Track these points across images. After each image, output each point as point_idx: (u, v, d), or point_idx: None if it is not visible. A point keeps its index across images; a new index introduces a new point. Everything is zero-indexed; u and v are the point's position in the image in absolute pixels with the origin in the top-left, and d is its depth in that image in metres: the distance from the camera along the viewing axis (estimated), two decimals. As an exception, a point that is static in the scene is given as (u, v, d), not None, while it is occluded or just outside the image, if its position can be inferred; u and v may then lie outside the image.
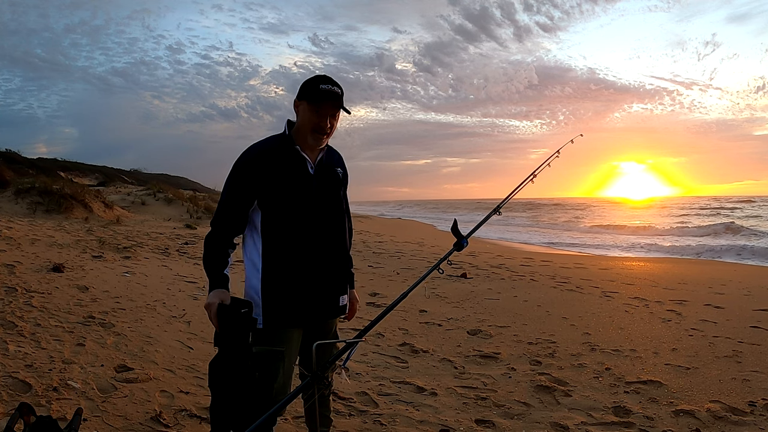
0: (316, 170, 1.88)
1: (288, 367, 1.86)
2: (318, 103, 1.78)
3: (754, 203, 45.72)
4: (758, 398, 2.98)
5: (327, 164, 1.94)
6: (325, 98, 1.77)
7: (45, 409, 2.49)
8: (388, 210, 56.51)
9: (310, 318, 1.90)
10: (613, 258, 11.70)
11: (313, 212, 1.85)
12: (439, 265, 2.03)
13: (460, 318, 4.96)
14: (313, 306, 1.89)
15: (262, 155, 1.81)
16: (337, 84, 1.82)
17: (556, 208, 46.98)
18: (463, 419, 2.74)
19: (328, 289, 1.93)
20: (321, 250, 1.88)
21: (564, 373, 3.45)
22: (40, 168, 41.05)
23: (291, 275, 1.84)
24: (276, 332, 1.83)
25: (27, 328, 3.75)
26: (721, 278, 7.55)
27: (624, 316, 5.05)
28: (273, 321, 1.83)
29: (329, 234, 1.91)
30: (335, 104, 1.80)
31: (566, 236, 19.52)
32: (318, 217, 1.87)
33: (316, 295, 1.89)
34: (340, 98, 1.81)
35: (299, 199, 1.83)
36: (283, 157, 1.83)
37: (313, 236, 1.86)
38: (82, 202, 13.50)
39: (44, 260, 6.41)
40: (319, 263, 1.88)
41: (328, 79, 1.82)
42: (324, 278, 1.90)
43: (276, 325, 1.83)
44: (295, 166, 1.84)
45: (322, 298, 1.91)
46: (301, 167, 1.85)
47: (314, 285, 1.88)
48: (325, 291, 1.92)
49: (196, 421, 2.58)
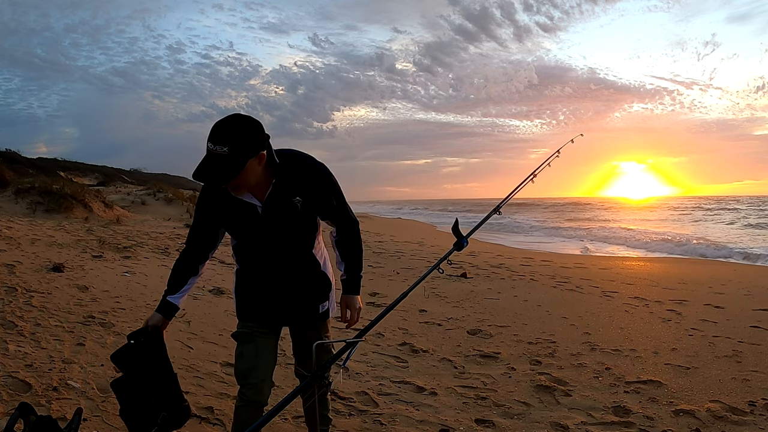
0: (264, 208, 1.80)
1: (258, 355, 1.93)
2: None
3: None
4: (758, 398, 2.98)
5: (279, 198, 1.80)
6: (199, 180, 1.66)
7: (45, 409, 2.49)
8: (388, 210, 56.50)
9: (274, 322, 1.98)
10: (613, 258, 11.70)
11: (266, 246, 1.89)
12: (439, 264, 2.04)
13: (460, 318, 4.96)
14: (278, 314, 1.97)
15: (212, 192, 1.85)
16: (223, 139, 1.59)
17: (556, 208, 46.95)
18: (463, 419, 2.75)
19: (294, 303, 1.97)
20: (278, 278, 1.93)
21: (564, 372, 3.45)
22: (40, 168, 41.02)
23: (251, 286, 1.96)
24: (243, 321, 2.00)
25: (27, 327, 3.75)
26: (721, 278, 7.54)
27: (624, 315, 5.05)
28: (240, 313, 2.01)
29: (287, 261, 1.91)
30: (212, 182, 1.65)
31: (567, 236, 19.51)
32: (273, 249, 1.89)
33: (281, 308, 1.96)
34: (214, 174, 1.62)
35: (251, 238, 1.89)
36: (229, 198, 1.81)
37: (270, 264, 1.91)
38: (82, 201, 13.48)
39: (44, 260, 6.41)
40: (277, 287, 1.93)
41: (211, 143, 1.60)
42: (288, 296, 1.95)
43: (242, 317, 2.00)
44: (240, 210, 1.82)
45: (287, 310, 1.97)
46: (248, 211, 1.81)
47: (277, 301, 1.95)
48: (290, 305, 1.97)
49: (196, 421, 2.58)
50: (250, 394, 1.89)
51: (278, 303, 1.95)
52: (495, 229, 21.18)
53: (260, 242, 1.87)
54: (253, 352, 1.92)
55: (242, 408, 1.91)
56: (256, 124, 1.67)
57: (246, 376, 1.90)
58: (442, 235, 17.88)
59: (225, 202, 1.81)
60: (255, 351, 1.92)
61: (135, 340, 1.88)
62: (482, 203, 70.57)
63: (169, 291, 1.93)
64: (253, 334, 1.94)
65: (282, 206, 1.81)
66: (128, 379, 1.89)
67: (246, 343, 1.93)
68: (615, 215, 35.19)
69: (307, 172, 1.83)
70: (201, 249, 1.93)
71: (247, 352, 1.92)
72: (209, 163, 1.62)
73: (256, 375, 1.90)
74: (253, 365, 1.90)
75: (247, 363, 1.91)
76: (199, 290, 5.70)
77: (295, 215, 1.83)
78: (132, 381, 1.88)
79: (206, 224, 1.90)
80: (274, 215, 1.81)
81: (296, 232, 1.87)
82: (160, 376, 1.90)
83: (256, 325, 1.95)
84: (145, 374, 1.88)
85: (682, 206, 45.74)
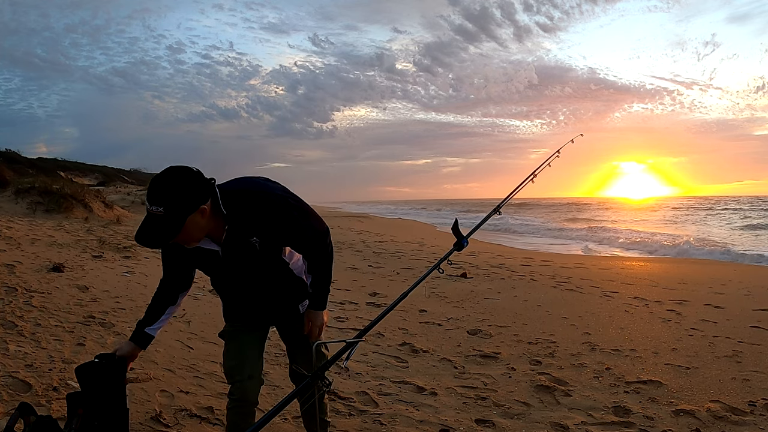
0: (224, 251, 1.77)
1: (241, 352, 1.94)
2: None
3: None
4: (758, 398, 2.98)
5: (237, 239, 1.74)
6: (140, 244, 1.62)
7: (45, 409, 2.49)
8: (387, 210, 56.51)
9: (255, 325, 2.01)
10: (613, 258, 11.70)
11: (233, 285, 1.93)
12: (439, 264, 2.04)
13: (460, 318, 4.96)
14: (262, 318, 2.02)
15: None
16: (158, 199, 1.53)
17: (556, 208, 46.98)
18: (463, 419, 2.75)
19: (274, 308, 2.00)
20: (255, 293, 1.94)
21: (564, 372, 3.45)
22: (40, 168, 41.01)
23: (235, 303, 2.01)
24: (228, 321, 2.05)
25: (27, 327, 3.75)
26: (721, 278, 7.54)
27: (624, 315, 5.05)
28: (225, 315, 2.06)
29: (260, 284, 1.92)
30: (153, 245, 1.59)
31: (566, 236, 19.51)
32: (243, 283, 1.91)
33: (262, 312, 2.00)
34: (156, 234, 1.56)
35: (218, 277, 1.93)
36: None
37: (238, 295, 1.96)
38: (82, 201, 13.48)
39: (44, 260, 6.41)
40: (258, 299, 1.96)
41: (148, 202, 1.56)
42: (267, 303, 1.98)
43: (226, 318, 2.06)
44: (203, 256, 1.82)
45: (269, 313, 2.01)
46: (209, 256, 1.81)
47: (258, 308, 1.99)
48: (270, 309, 2.00)
49: (196, 421, 2.58)
50: (238, 394, 1.89)
51: (259, 310, 1.99)
52: (495, 229, 21.18)
53: (229, 280, 1.92)
54: (237, 349, 1.94)
55: (232, 410, 1.91)
56: (193, 176, 1.58)
57: (232, 373, 1.92)
58: (442, 235, 17.87)
59: (185, 249, 1.76)
60: (240, 348, 1.94)
61: (101, 360, 1.89)
62: (482, 203, 70.54)
63: (145, 322, 1.93)
64: (238, 331, 1.97)
65: (240, 248, 1.76)
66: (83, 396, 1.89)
67: (232, 341, 1.97)
68: (615, 215, 35.17)
69: (260, 212, 1.72)
70: (177, 283, 1.95)
71: (233, 349, 1.95)
72: (148, 225, 1.56)
73: (242, 372, 1.90)
74: (239, 362, 1.92)
75: (233, 360, 1.93)
76: (199, 290, 5.70)
77: (255, 255, 1.78)
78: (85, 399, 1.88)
79: (175, 266, 1.92)
80: (234, 257, 1.79)
81: (261, 267, 1.85)
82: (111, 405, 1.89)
83: (242, 324, 1.99)
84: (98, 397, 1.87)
85: (682, 206, 45.74)
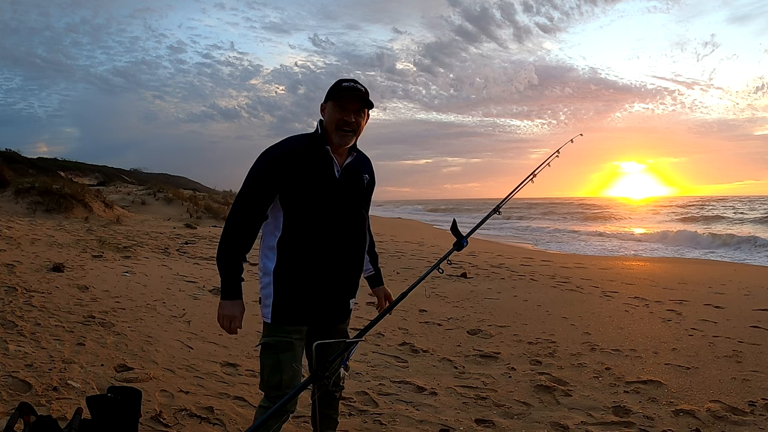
0: (342, 173, 1.88)
1: (296, 361, 1.86)
2: (341, 98, 1.82)
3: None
4: (758, 398, 2.98)
5: (354, 168, 1.93)
6: (346, 92, 1.81)
7: (45, 409, 2.49)
8: (387, 210, 56.48)
9: (316, 319, 1.91)
10: (613, 258, 11.70)
11: (333, 215, 1.86)
12: (439, 264, 2.03)
13: (460, 318, 4.96)
14: (322, 309, 1.91)
15: (290, 153, 1.82)
16: (359, 83, 1.88)
17: (555, 208, 46.98)
18: (463, 419, 2.75)
19: (339, 294, 1.94)
20: (337, 254, 1.89)
21: (564, 372, 3.45)
22: (41, 168, 41.03)
23: (303, 276, 1.86)
24: (282, 326, 1.85)
25: (27, 327, 3.75)
26: (721, 278, 7.54)
27: (624, 315, 5.05)
28: (280, 317, 1.85)
29: (347, 238, 1.90)
30: (357, 98, 1.82)
31: (567, 236, 19.51)
32: (338, 221, 1.87)
33: (326, 298, 1.91)
34: (363, 93, 1.84)
35: (321, 200, 1.83)
36: (310, 156, 1.83)
37: (331, 239, 1.86)
38: (82, 201, 13.49)
39: (44, 260, 6.41)
40: (333, 267, 1.89)
41: (351, 79, 1.88)
42: (336, 282, 1.92)
43: (283, 321, 1.85)
44: (321, 167, 1.84)
45: (331, 301, 1.93)
46: (327, 169, 1.85)
47: (325, 288, 1.90)
48: (335, 295, 1.93)
49: (196, 421, 2.58)
50: (292, 408, 1.83)
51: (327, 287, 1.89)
52: (496, 230, 21.17)
53: (328, 208, 1.84)
54: (292, 360, 1.84)
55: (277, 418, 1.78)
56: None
57: (286, 386, 1.81)
58: (442, 235, 17.87)
59: (299, 166, 1.81)
60: (294, 359, 1.84)
61: (113, 395, 1.90)
62: (482, 203, 70.55)
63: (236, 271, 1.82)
64: (293, 342, 1.85)
65: (355, 177, 1.93)
66: (94, 425, 1.91)
67: (285, 351, 1.83)
68: (615, 215, 35.19)
69: (369, 162, 2.05)
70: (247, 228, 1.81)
71: (288, 360, 1.83)
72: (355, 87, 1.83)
73: (293, 385, 1.81)
74: (293, 374, 1.83)
75: (288, 372, 1.82)
76: (199, 290, 5.71)
77: (362, 189, 1.97)
78: (96, 428, 1.90)
79: (265, 194, 1.79)
80: (347, 183, 1.90)
81: (360, 207, 1.96)
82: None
83: (295, 328, 1.86)
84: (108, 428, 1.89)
85: (683, 206, 45.74)
